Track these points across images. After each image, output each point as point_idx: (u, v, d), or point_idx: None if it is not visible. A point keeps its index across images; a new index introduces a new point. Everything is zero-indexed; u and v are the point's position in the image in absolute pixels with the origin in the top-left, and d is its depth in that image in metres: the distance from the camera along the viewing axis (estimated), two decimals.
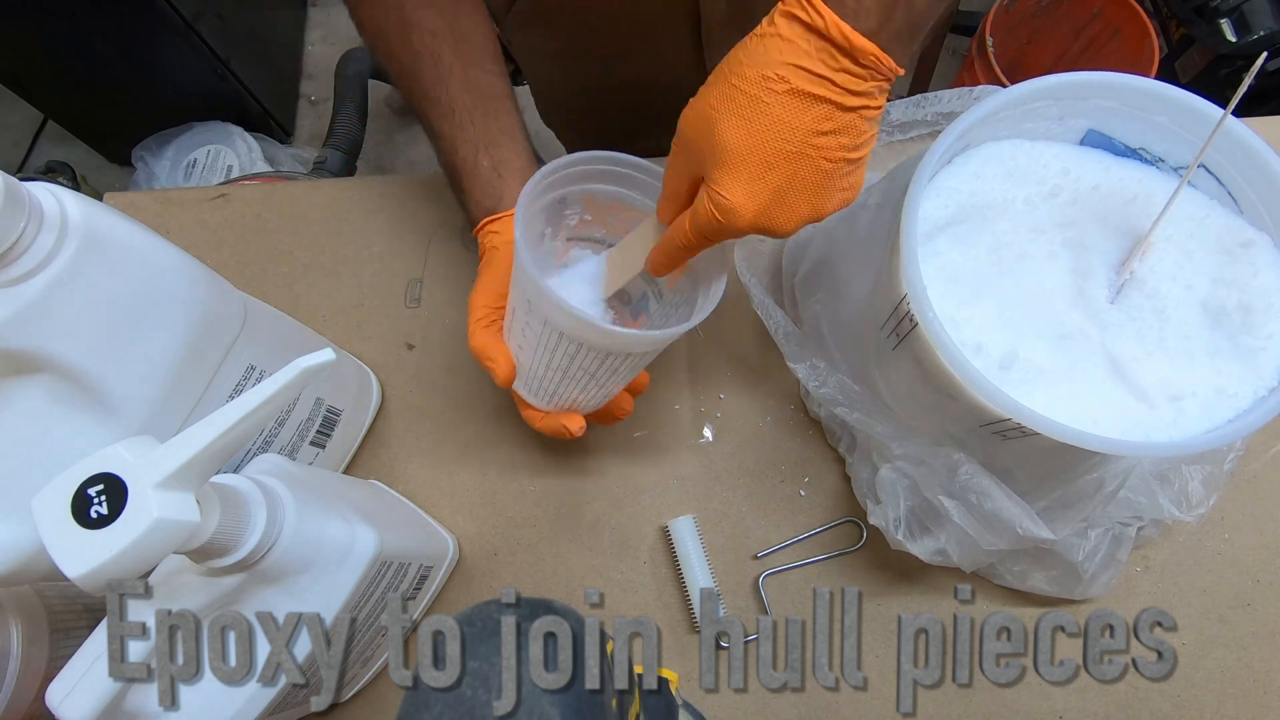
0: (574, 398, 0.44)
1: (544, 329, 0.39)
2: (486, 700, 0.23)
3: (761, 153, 0.32)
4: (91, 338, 0.34)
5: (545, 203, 0.42)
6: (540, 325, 0.39)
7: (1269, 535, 0.51)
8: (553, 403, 0.45)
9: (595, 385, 0.42)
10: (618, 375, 0.42)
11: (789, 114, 0.31)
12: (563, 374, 0.41)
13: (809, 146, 0.32)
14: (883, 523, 0.46)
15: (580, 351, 0.39)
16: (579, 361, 0.40)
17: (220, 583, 0.34)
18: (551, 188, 0.41)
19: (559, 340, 0.39)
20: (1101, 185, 0.41)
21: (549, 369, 0.41)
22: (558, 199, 0.43)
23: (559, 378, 0.41)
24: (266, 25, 1.63)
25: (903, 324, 0.39)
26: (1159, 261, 0.39)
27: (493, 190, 0.46)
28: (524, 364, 0.43)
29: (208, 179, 1.39)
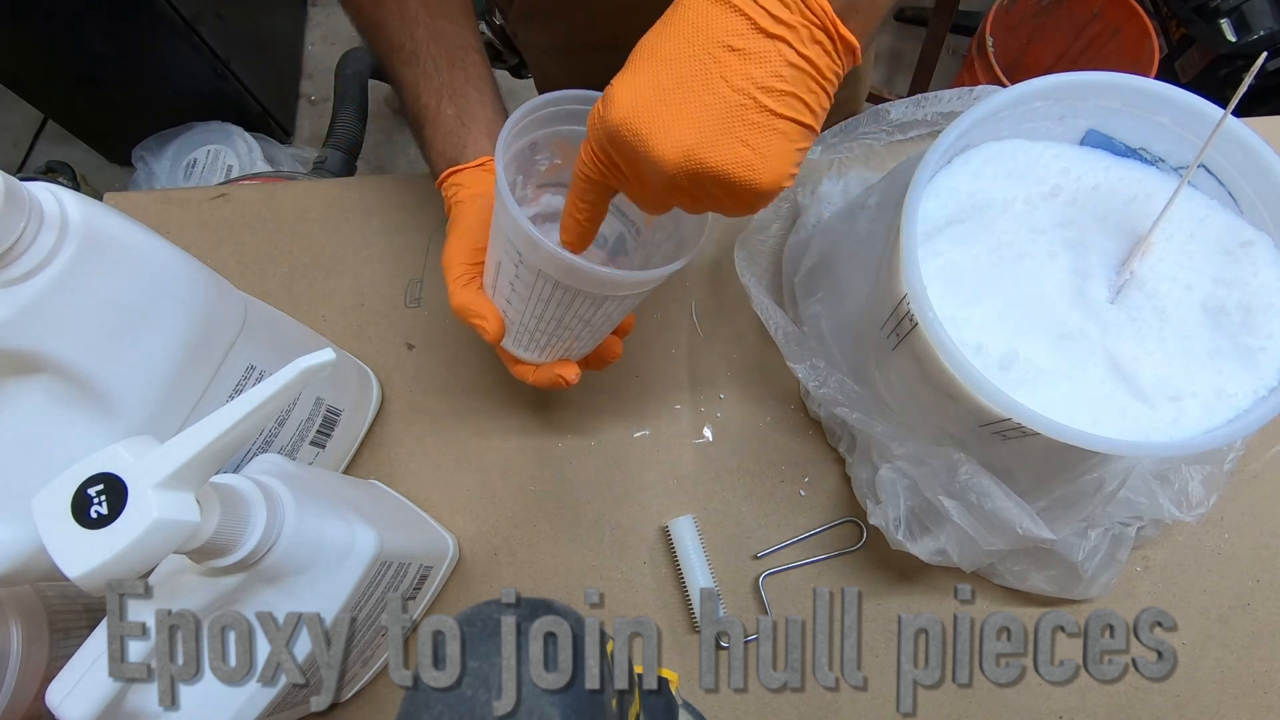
0: (567, 346, 0.43)
1: (537, 281, 0.37)
2: (486, 700, 0.23)
3: (657, 47, 0.29)
4: (91, 338, 0.34)
5: (516, 150, 0.40)
6: (533, 278, 0.37)
7: (1269, 535, 0.51)
8: (545, 354, 0.44)
9: (589, 331, 0.42)
10: (611, 319, 0.42)
11: (700, 16, 0.29)
12: (557, 324, 0.40)
13: (709, 56, 0.29)
14: (883, 523, 0.46)
15: (576, 300, 0.38)
16: (574, 310, 0.39)
17: (220, 583, 0.34)
18: (524, 132, 0.40)
19: (553, 291, 0.38)
20: (1102, 185, 0.41)
21: (542, 320, 0.40)
22: (528, 145, 0.41)
23: (553, 328, 0.41)
24: (266, 25, 1.63)
25: (903, 324, 0.39)
26: (1159, 261, 0.39)
27: (456, 139, 0.45)
28: (513, 319, 0.42)
29: (208, 179, 1.39)
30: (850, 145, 0.51)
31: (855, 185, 0.56)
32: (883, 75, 1.69)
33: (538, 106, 0.39)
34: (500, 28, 1.08)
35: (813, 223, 0.55)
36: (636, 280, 0.37)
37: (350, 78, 1.32)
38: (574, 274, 0.36)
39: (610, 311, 0.40)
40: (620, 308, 0.41)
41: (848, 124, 0.50)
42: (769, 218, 0.57)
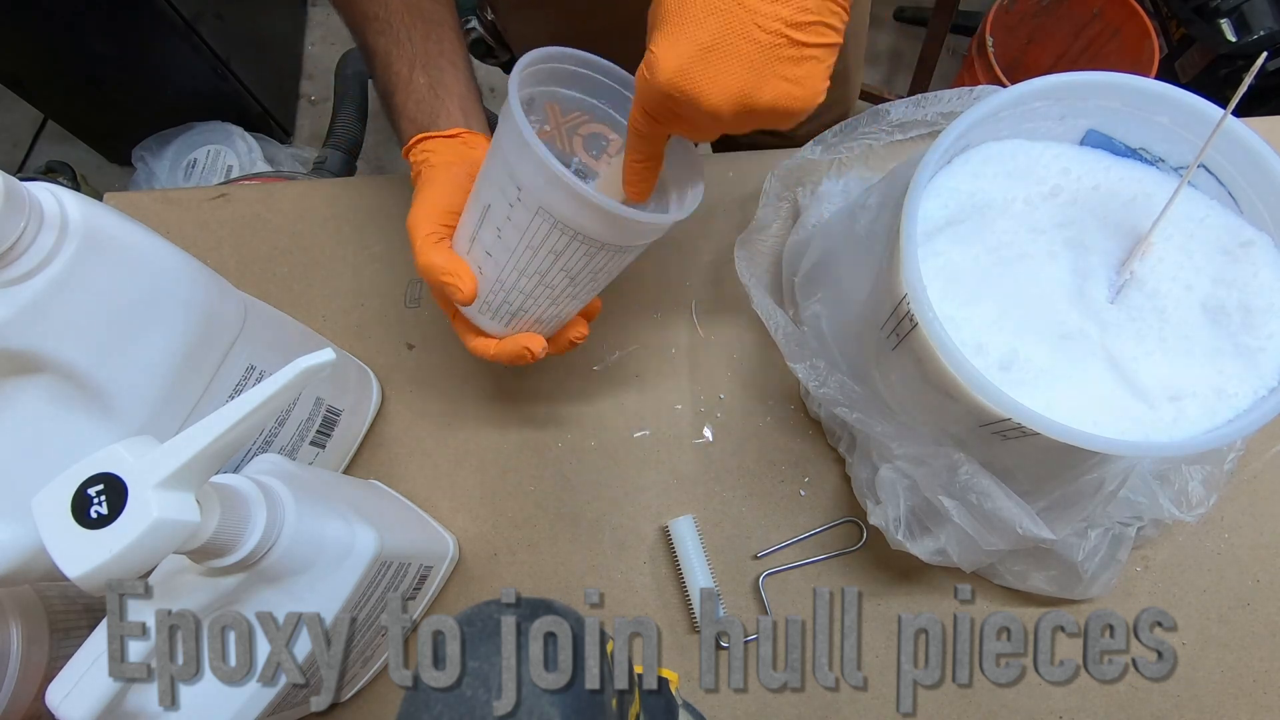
0: (540, 313, 0.42)
1: (533, 221, 0.36)
2: (486, 700, 0.23)
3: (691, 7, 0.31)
4: (91, 338, 0.34)
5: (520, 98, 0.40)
6: (529, 216, 0.36)
7: (1269, 535, 0.51)
8: (513, 322, 0.42)
9: (569, 293, 0.40)
10: (595, 281, 0.40)
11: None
12: (539, 279, 0.39)
13: (739, 5, 0.30)
14: (883, 523, 0.46)
15: (570, 246, 0.37)
16: (564, 260, 0.38)
17: (220, 583, 0.34)
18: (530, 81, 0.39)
19: (548, 234, 0.36)
20: (1102, 185, 0.41)
21: (524, 274, 0.39)
22: (525, 100, 0.40)
23: (533, 284, 0.39)
24: (266, 25, 1.63)
25: (903, 324, 0.39)
26: (1159, 261, 0.39)
27: (428, 108, 0.44)
28: (489, 275, 0.40)
29: (208, 179, 1.39)
30: (850, 145, 0.51)
31: (855, 185, 0.56)
32: (883, 75, 1.69)
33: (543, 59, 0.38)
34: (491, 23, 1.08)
35: (813, 223, 0.55)
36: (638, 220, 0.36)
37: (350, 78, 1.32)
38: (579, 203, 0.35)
39: (598, 267, 0.39)
40: (606, 267, 0.39)
41: (848, 124, 0.50)
42: (769, 217, 0.57)
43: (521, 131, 0.34)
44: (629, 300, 0.58)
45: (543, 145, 0.34)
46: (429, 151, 0.44)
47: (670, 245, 0.60)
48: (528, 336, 0.42)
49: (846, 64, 0.71)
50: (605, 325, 0.58)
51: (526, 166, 0.35)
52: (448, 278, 0.40)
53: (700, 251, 0.60)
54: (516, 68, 0.37)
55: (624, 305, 0.58)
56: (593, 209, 0.35)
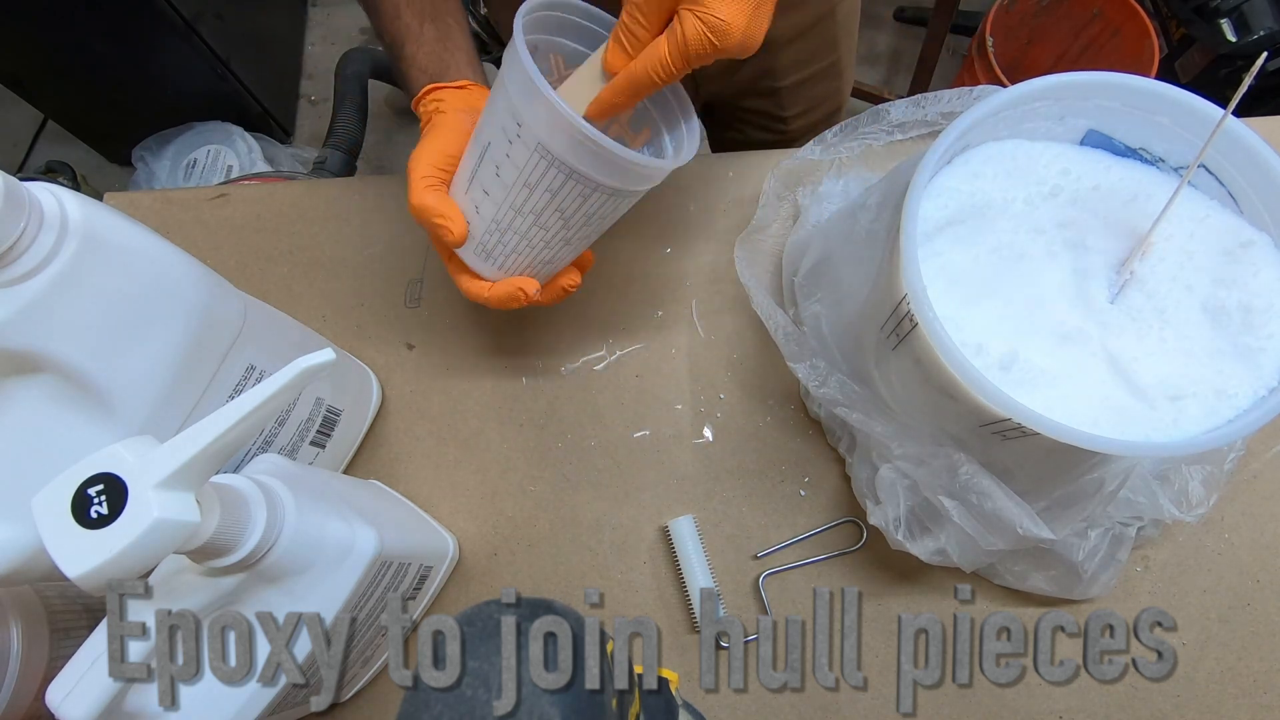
0: (533, 256, 0.42)
1: (530, 158, 0.37)
2: (486, 700, 0.23)
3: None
4: (91, 338, 0.34)
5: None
6: (527, 153, 0.37)
7: (1269, 535, 0.51)
8: (506, 265, 0.42)
9: (563, 237, 0.41)
10: (589, 225, 0.41)
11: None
12: (534, 219, 0.39)
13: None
14: (882, 523, 0.46)
15: (565, 186, 0.37)
16: (558, 201, 0.38)
17: (220, 583, 0.34)
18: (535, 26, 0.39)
19: (545, 172, 0.37)
20: (1101, 185, 0.41)
21: (519, 214, 0.39)
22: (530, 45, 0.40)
23: (528, 225, 0.40)
24: (266, 25, 1.63)
25: (903, 324, 0.39)
26: (1159, 261, 0.39)
27: (437, 59, 0.45)
28: (485, 215, 0.40)
29: (208, 179, 1.39)
30: (850, 145, 0.51)
31: (855, 185, 0.56)
32: (883, 75, 1.69)
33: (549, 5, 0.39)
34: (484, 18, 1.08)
35: (813, 223, 0.55)
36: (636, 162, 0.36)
37: (350, 78, 1.32)
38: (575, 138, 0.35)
39: (592, 211, 0.39)
40: (600, 211, 0.39)
41: (848, 124, 0.50)
42: (769, 217, 0.57)
43: (525, 67, 0.34)
44: (629, 300, 0.58)
45: (547, 83, 0.34)
46: (439, 100, 0.45)
47: (670, 245, 0.60)
48: (521, 279, 0.43)
49: (839, 57, 0.71)
50: (606, 325, 0.58)
51: (529, 102, 0.35)
52: (439, 219, 0.41)
53: (700, 251, 0.60)
54: (522, 9, 0.37)
55: (624, 305, 0.58)
56: (592, 147, 0.35)
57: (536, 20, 0.39)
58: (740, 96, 0.73)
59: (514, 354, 0.58)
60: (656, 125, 0.44)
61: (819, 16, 0.66)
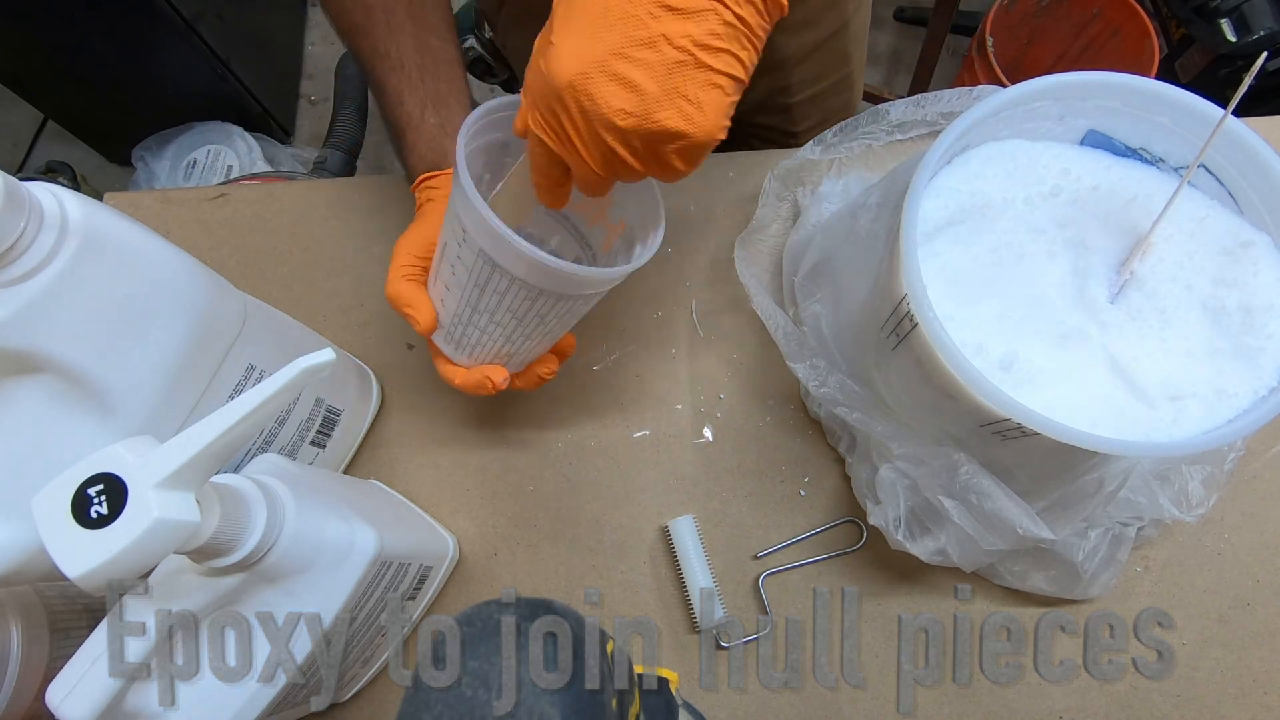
0: (497, 349, 0.42)
1: (476, 261, 0.37)
2: (486, 700, 0.23)
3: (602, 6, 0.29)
4: (91, 338, 0.34)
5: (485, 143, 0.40)
6: (473, 257, 0.37)
7: (1269, 535, 0.51)
8: (475, 355, 0.43)
9: (521, 333, 0.41)
10: (545, 324, 0.41)
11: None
12: (489, 316, 0.40)
13: (650, 15, 0.29)
14: (882, 523, 0.46)
15: (511, 289, 0.38)
16: (508, 301, 0.38)
17: (220, 583, 0.34)
18: (495, 126, 0.39)
19: (490, 274, 0.37)
20: (1102, 185, 0.41)
21: (476, 311, 0.40)
22: (499, 143, 0.40)
23: (484, 321, 0.40)
24: (266, 25, 1.63)
25: (903, 324, 0.39)
26: (1159, 261, 0.40)
27: (437, 146, 0.46)
28: (449, 308, 0.41)
29: (208, 179, 1.39)
30: (850, 145, 0.51)
31: (855, 185, 0.56)
32: (883, 75, 1.69)
33: (511, 104, 0.39)
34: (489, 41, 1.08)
35: (813, 223, 0.55)
36: (564, 270, 0.36)
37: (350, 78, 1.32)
38: (509, 252, 0.35)
39: (545, 312, 0.39)
40: (555, 311, 0.40)
41: (847, 124, 0.50)
42: (769, 217, 0.57)
43: (459, 177, 0.35)
44: (629, 300, 0.58)
45: (477, 194, 0.35)
46: (434, 187, 0.46)
47: (670, 245, 0.60)
48: (490, 368, 0.44)
49: (851, 70, 0.71)
50: (605, 325, 0.58)
51: (467, 210, 0.36)
52: (406, 309, 0.43)
53: (700, 251, 0.60)
54: (477, 111, 0.38)
55: (624, 305, 0.58)
56: (524, 259, 0.35)
57: (498, 120, 0.39)
58: (752, 114, 0.73)
59: None
60: (630, 221, 0.44)
61: (832, 32, 0.65)
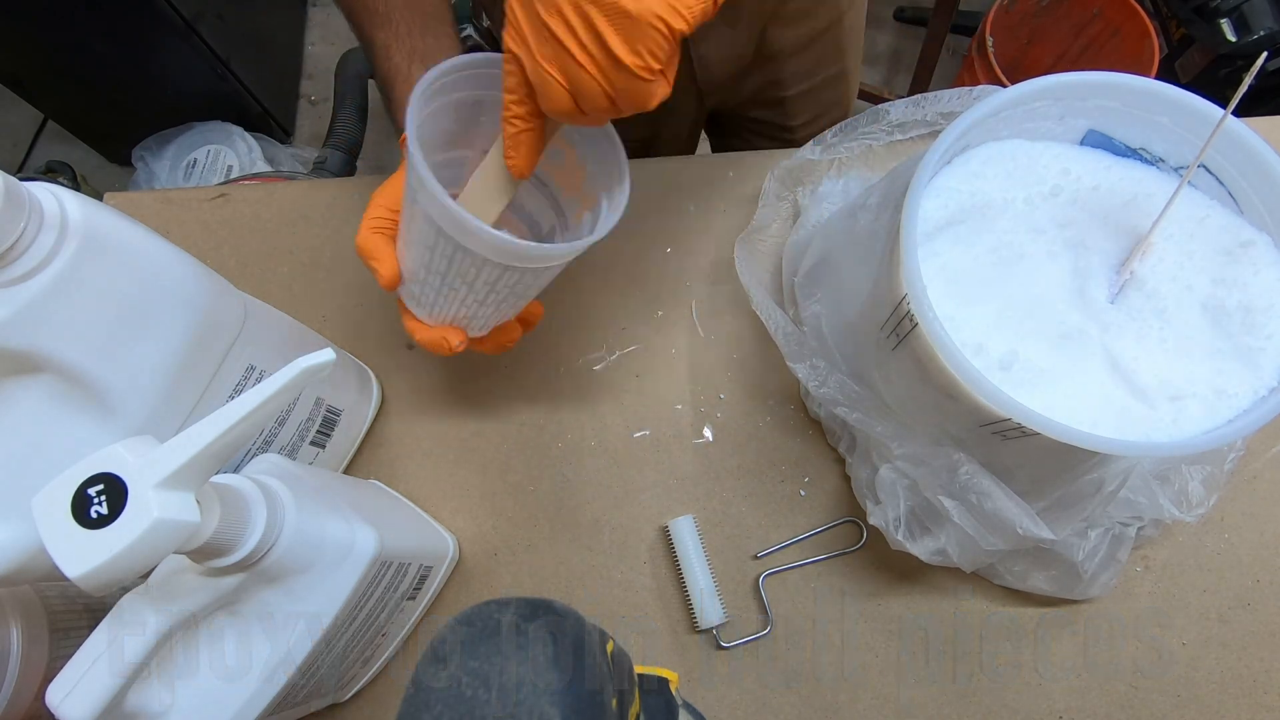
0: (455, 312, 0.42)
1: (424, 224, 0.37)
2: (487, 700, 0.23)
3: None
4: (91, 338, 0.34)
5: (460, 98, 0.39)
6: (422, 220, 0.37)
7: (1269, 535, 0.51)
8: (434, 314, 0.43)
9: (475, 300, 0.41)
10: (496, 294, 0.40)
11: None
12: (441, 278, 0.39)
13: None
14: (882, 523, 0.46)
15: (456, 255, 0.37)
16: (457, 265, 0.38)
17: (220, 583, 0.34)
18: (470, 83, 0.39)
19: (436, 239, 0.37)
20: (1102, 185, 0.41)
21: (429, 272, 0.39)
22: (470, 101, 0.40)
23: (438, 283, 0.40)
24: (266, 25, 1.63)
25: (903, 324, 0.39)
26: (1159, 261, 0.39)
27: None
28: (407, 266, 0.41)
29: (208, 179, 1.39)
30: (850, 145, 0.51)
31: (855, 185, 0.56)
32: (883, 75, 1.69)
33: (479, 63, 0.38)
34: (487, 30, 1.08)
35: (813, 223, 0.55)
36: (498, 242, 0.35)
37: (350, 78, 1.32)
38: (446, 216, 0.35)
39: (494, 281, 0.39)
40: (505, 281, 0.39)
41: (847, 124, 0.50)
42: (769, 217, 0.57)
43: (408, 137, 0.35)
44: (629, 300, 0.58)
45: (418, 151, 0.34)
46: None
47: (670, 245, 0.60)
48: (448, 329, 0.44)
49: (845, 65, 0.71)
50: (606, 325, 0.58)
51: (411, 169, 0.35)
52: (370, 261, 0.42)
53: (700, 251, 0.60)
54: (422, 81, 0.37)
55: (624, 305, 0.58)
56: (455, 220, 0.35)
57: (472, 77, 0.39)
58: (746, 107, 0.73)
59: (514, 354, 0.58)
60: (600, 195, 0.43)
61: (827, 26, 0.65)
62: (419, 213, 0.37)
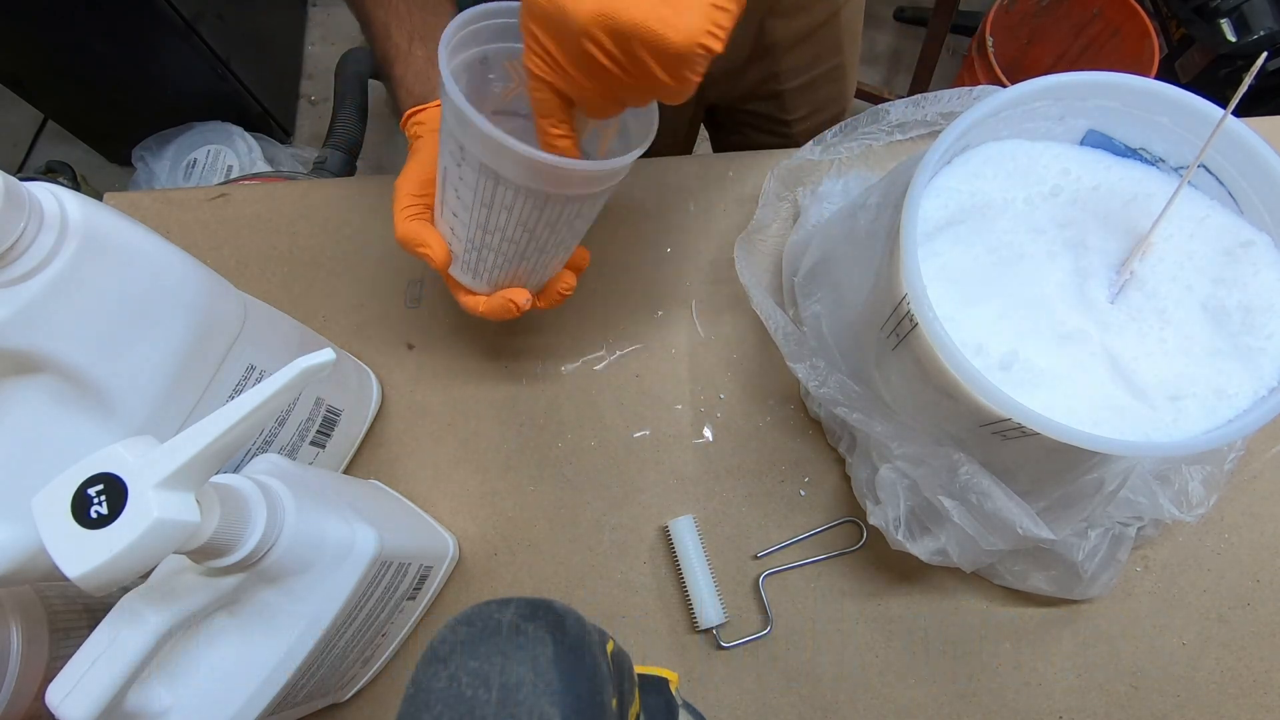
0: (514, 269, 0.42)
1: (478, 178, 0.36)
2: (487, 700, 0.23)
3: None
4: (91, 338, 0.34)
5: (466, 58, 0.39)
6: (475, 174, 0.36)
7: (1269, 535, 0.51)
8: (493, 279, 0.43)
9: (535, 247, 0.41)
10: (556, 233, 0.40)
11: None
12: (501, 235, 0.39)
13: None
14: (882, 523, 0.46)
15: (519, 199, 0.37)
16: (517, 213, 0.38)
17: (220, 583, 0.34)
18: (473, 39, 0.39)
19: (495, 188, 0.37)
20: (1102, 185, 0.41)
21: (487, 231, 0.39)
22: (478, 57, 0.40)
23: (498, 240, 0.40)
24: (266, 25, 1.63)
25: (903, 324, 0.39)
26: (1159, 261, 0.39)
27: (425, 78, 0.45)
28: (460, 236, 0.41)
29: (208, 179, 1.39)
30: (850, 145, 0.51)
31: (855, 185, 0.56)
32: (883, 75, 1.69)
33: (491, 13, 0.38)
34: None
35: (813, 223, 0.55)
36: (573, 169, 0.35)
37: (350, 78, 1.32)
38: (503, 155, 0.34)
39: (555, 218, 0.38)
40: (564, 217, 0.39)
41: (847, 124, 0.50)
42: (769, 217, 0.57)
43: (446, 87, 0.34)
44: (629, 300, 0.58)
45: (462, 97, 0.34)
46: (420, 123, 0.45)
47: (670, 245, 0.60)
48: (511, 291, 0.44)
49: (843, 60, 0.71)
50: (606, 325, 0.58)
51: (459, 124, 0.35)
52: (420, 248, 0.42)
53: (700, 251, 0.60)
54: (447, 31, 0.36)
55: (624, 305, 0.58)
56: (524, 161, 0.34)
57: (474, 34, 0.39)
58: (744, 100, 0.73)
59: (514, 354, 0.58)
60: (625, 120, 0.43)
61: (823, 20, 0.66)
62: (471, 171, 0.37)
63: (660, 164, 0.62)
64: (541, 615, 0.25)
